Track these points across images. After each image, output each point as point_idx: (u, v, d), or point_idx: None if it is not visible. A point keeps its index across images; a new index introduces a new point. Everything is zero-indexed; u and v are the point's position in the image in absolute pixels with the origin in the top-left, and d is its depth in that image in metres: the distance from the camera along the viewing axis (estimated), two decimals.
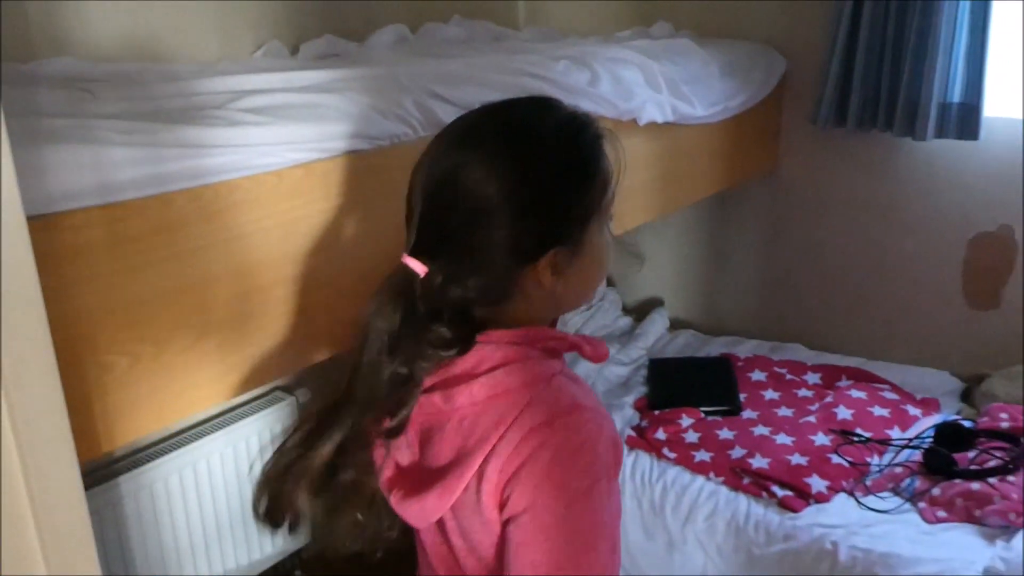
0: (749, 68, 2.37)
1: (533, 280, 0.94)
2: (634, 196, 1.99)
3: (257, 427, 2.27)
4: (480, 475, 0.91)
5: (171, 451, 2.09)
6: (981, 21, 2.18)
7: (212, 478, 2.18)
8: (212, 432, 2.18)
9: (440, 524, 0.99)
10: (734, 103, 2.27)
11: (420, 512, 0.97)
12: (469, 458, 0.91)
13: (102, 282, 1.00)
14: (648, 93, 1.93)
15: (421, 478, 0.96)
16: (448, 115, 1.47)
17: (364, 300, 1.32)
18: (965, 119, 2.24)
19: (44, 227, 0.92)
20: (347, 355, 1.05)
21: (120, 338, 1.02)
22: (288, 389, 2.38)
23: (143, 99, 1.35)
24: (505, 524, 0.91)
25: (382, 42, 2.37)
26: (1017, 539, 1.66)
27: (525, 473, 0.88)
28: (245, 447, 2.25)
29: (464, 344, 0.93)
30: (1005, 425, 2.00)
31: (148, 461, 2.04)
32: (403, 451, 0.99)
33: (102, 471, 1.97)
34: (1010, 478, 1.80)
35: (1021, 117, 2.28)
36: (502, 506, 0.90)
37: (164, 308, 1.07)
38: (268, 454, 1.05)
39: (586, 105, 1.75)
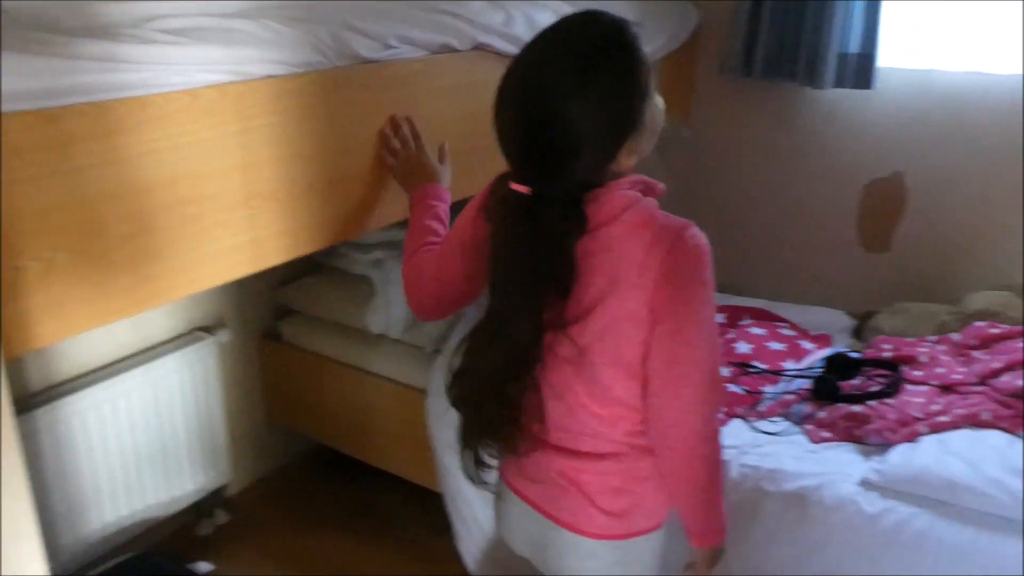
0: (662, 16, 2.45)
1: (616, 165, 1.18)
2: None
3: (177, 365, 2.29)
4: (637, 287, 1.14)
5: (89, 386, 2.09)
6: None
7: (131, 415, 2.19)
8: (131, 369, 2.19)
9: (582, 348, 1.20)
10: (648, 50, 2.33)
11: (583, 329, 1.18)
12: (625, 279, 1.15)
13: (16, 189, 1.02)
14: None
15: (576, 313, 1.18)
16: (364, 48, 1.51)
17: (279, 218, 1.38)
18: (861, 69, 2.37)
19: None
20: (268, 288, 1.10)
21: (34, 244, 1.05)
22: (209, 329, 2.40)
23: (56, 14, 1.35)
24: (656, 322, 1.15)
25: None
26: (891, 453, 1.81)
27: (675, 275, 1.14)
28: (165, 386, 2.26)
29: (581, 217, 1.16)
30: (887, 355, 2.15)
31: (65, 395, 2.04)
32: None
33: (18, 403, 1.96)
34: (888, 400, 1.95)
35: (913, 67, 2.42)
36: (655, 307, 1.15)
37: (77, 217, 1.10)
38: (188, 394, 1.14)
39: (500, 44, 1.81)
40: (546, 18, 1.95)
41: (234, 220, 1.31)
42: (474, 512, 2.12)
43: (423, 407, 2.30)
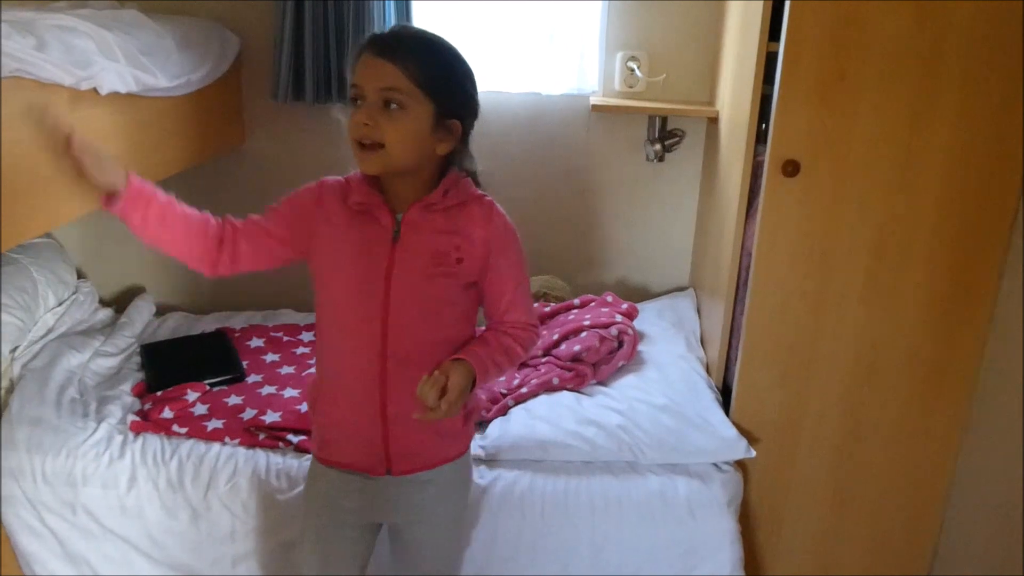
0: (205, 43, 2.39)
1: None
2: None
3: None
4: None
5: None
6: (406, 9, 2.53)
7: None
8: None
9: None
10: (196, 76, 2.27)
11: None
12: None
13: None
14: (105, 62, 1.84)
15: None
16: None
17: None
18: None
19: None
20: None
21: None
22: None
23: None
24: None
25: None
26: (490, 428, 2.03)
27: None
28: None
29: None
30: None
31: None
32: None
33: None
34: None
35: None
36: None
37: None
38: None
39: (38, 72, 1.62)
40: (83, 43, 1.80)
41: None
42: None
43: None
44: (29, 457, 1.93)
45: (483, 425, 2.05)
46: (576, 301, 2.50)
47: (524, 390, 2.13)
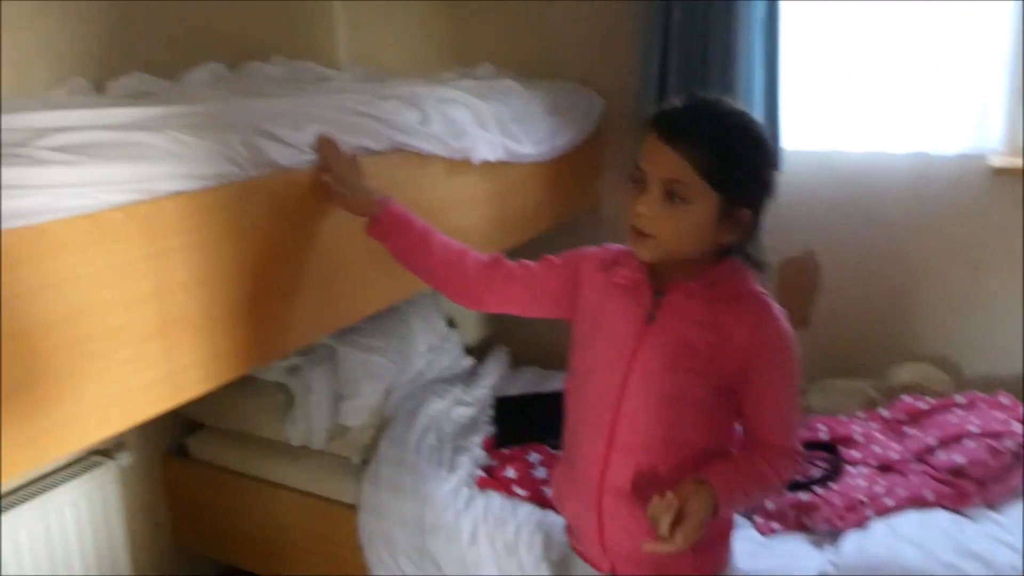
0: (571, 108, 2.46)
1: None
2: (472, 234, 2.00)
3: (72, 496, 2.07)
4: None
5: None
6: (772, 64, 2.37)
7: (20, 557, 1.96)
8: (18, 505, 1.96)
9: None
10: (560, 141, 2.34)
11: None
12: None
13: None
14: (479, 132, 1.95)
15: None
16: (280, 154, 1.42)
17: (197, 346, 1.25)
18: None
19: None
20: None
21: None
22: (107, 453, 2.19)
23: None
24: None
25: (199, 80, 2.28)
26: (844, 543, 1.77)
27: None
28: (59, 519, 2.04)
29: None
30: (823, 436, 2.14)
31: None
32: None
33: None
34: (832, 485, 1.92)
35: (815, 149, 2.49)
36: None
37: None
38: (86, 526, 0.98)
39: (419, 144, 1.75)
40: (461, 115, 1.92)
41: (148, 353, 1.17)
42: None
43: (350, 523, 2.15)
44: (388, 497, 2.08)
45: (835, 535, 1.81)
46: (960, 399, 2.13)
47: (888, 501, 1.84)
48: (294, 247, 1.45)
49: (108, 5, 2.14)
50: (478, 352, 2.88)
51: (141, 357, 1.16)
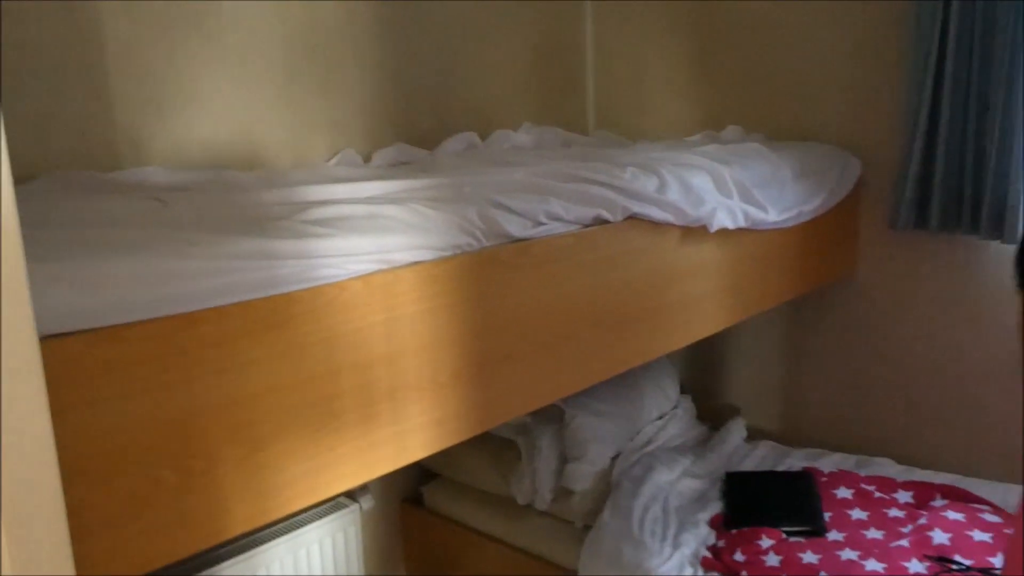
0: (823, 171, 2.32)
1: None
2: (705, 303, 1.94)
3: (319, 535, 2.23)
4: None
5: (231, 557, 2.06)
6: None
7: None
8: (273, 539, 2.14)
9: None
10: (808, 207, 2.20)
11: None
12: None
13: (150, 397, 0.99)
14: (718, 199, 1.90)
15: None
16: (514, 226, 1.46)
17: (424, 409, 1.30)
18: None
19: (98, 339, 0.93)
20: None
21: (171, 452, 1.01)
22: (351, 496, 2.34)
23: (212, 208, 1.39)
24: None
25: (451, 149, 2.42)
26: None
27: None
28: (306, 556, 2.21)
29: None
30: None
31: (208, 566, 2.01)
32: None
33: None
34: None
35: None
36: None
37: (215, 422, 1.05)
38: (329, 565, 1.04)
39: (653, 212, 1.73)
40: (700, 181, 1.87)
41: (377, 414, 1.24)
42: None
43: None
44: (608, 567, 2.04)
45: None
46: None
47: None
48: (522, 315, 1.48)
49: (377, 82, 2.35)
50: (712, 422, 2.76)
51: (371, 418, 1.23)
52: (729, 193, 1.93)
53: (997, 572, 1.86)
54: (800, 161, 2.22)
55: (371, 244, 1.25)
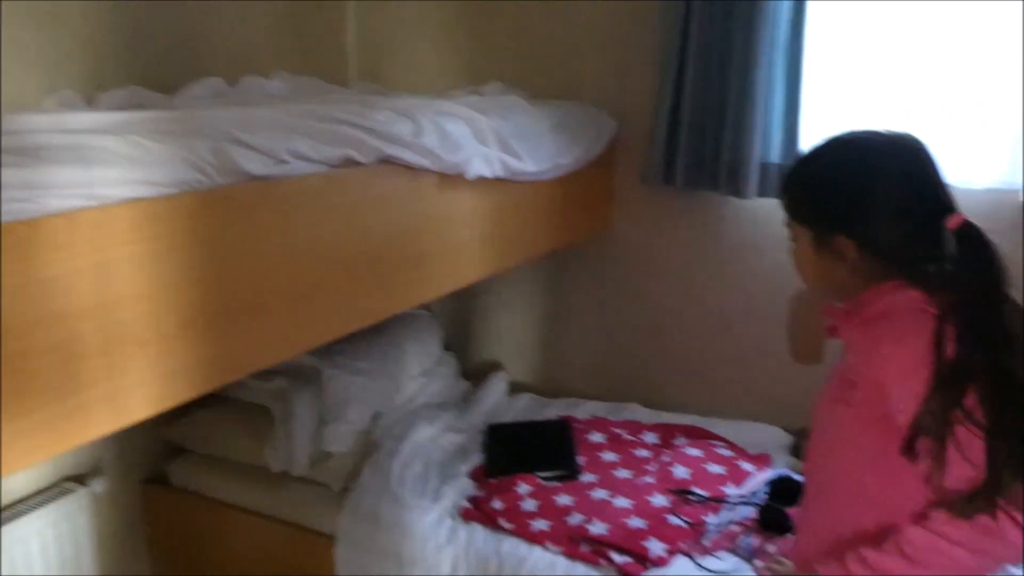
0: (579, 127, 2.37)
1: None
2: (465, 252, 1.91)
3: (40, 525, 1.96)
4: None
5: None
6: (794, 86, 2.28)
7: None
8: None
9: None
10: (565, 161, 2.24)
11: None
12: None
13: None
14: (475, 147, 1.87)
15: None
16: (252, 163, 1.34)
17: (147, 364, 1.16)
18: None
19: None
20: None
21: None
22: (80, 479, 2.10)
23: None
24: None
25: (195, 95, 2.20)
26: None
27: None
28: (24, 552, 1.93)
29: None
30: None
31: None
32: None
33: None
34: None
35: None
36: None
37: None
38: (54, 558, 0.88)
39: (408, 156, 1.67)
40: (457, 129, 1.83)
41: (84, 371, 1.08)
42: None
43: (329, 555, 2.04)
44: (367, 528, 1.98)
45: None
46: None
47: None
48: (265, 261, 1.36)
49: (106, 16, 2.08)
50: (475, 378, 2.78)
51: (79, 376, 1.07)
52: (486, 141, 1.91)
53: (729, 499, 2.01)
54: (557, 116, 2.25)
55: (75, 176, 1.08)
